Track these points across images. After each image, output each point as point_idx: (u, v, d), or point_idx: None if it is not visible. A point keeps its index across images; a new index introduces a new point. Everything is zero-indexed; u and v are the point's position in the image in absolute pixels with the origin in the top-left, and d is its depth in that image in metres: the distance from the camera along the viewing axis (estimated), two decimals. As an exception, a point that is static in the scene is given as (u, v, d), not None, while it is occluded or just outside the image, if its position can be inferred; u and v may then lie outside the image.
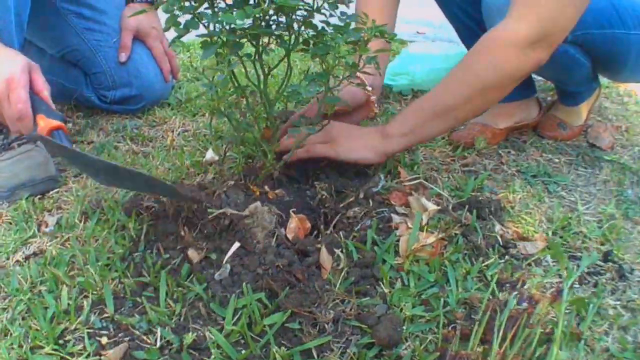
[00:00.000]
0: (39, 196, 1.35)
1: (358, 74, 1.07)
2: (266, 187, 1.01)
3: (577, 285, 1.01)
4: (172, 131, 1.66)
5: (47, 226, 1.22)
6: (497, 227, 1.09)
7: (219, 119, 1.03)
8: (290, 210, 0.96)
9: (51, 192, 1.37)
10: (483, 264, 0.99)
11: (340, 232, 1.01)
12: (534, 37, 1.13)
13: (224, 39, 0.80)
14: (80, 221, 1.20)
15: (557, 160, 1.53)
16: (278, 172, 1.05)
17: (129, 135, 1.66)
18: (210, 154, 1.35)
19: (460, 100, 1.20)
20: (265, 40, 0.97)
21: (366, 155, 1.21)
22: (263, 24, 0.91)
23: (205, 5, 0.90)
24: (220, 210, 0.90)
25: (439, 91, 1.21)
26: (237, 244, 0.86)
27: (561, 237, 1.13)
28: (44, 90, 1.31)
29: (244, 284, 0.84)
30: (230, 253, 0.86)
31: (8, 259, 1.12)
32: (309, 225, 0.97)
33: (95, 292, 0.95)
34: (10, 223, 1.26)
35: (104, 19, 1.84)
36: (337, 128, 1.23)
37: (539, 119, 1.70)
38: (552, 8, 1.13)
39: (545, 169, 1.44)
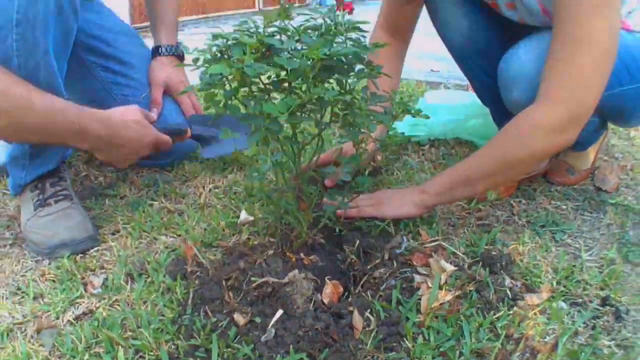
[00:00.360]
0: (80, 254, 1.46)
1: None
2: (302, 254, 1.18)
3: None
4: (203, 187, 1.80)
5: (93, 287, 1.32)
6: (507, 281, 1.25)
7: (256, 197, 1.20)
8: (326, 278, 1.13)
9: (91, 251, 1.47)
10: (494, 317, 1.14)
11: (368, 292, 1.17)
12: (564, 123, 1.30)
13: (267, 127, 0.96)
14: (126, 283, 1.32)
15: (564, 207, 1.69)
16: (312, 239, 1.21)
17: (161, 191, 1.79)
18: (244, 215, 1.51)
19: (490, 174, 1.41)
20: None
21: (408, 211, 1.46)
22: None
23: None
24: (263, 279, 1.07)
25: (472, 163, 1.43)
26: (280, 311, 1.02)
27: (564, 287, 1.28)
28: (154, 117, 1.71)
29: (290, 346, 0.99)
30: (274, 319, 1.01)
31: (58, 318, 1.22)
32: (341, 289, 1.13)
33: (151, 353, 1.09)
34: (54, 281, 1.36)
35: (131, 73, 1.93)
36: (382, 193, 1.54)
37: (548, 167, 1.85)
38: (579, 92, 1.29)
39: (553, 218, 1.60)
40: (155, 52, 2.00)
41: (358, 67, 1.06)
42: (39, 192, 1.61)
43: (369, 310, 1.10)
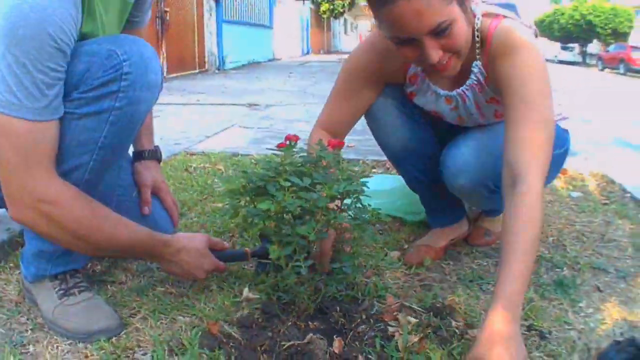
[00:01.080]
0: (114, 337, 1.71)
1: None
2: (308, 322, 1.74)
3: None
4: None
5: (145, 363, 1.58)
6: (453, 323, 1.81)
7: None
8: (334, 336, 1.68)
9: (122, 332, 1.74)
10: (450, 347, 1.69)
11: (356, 342, 1.72)
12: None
13: (297, 242, 1.54)
14: (170, 357, 1.61)
15: (485, 264, 2.28)
16: (313, 311, 1.79)
17: (157, 276, 2.12)
18: (246, 293, 1.96)
19: (535, 249, 1.58)
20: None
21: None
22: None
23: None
24: (291, 342, 1.62)
25: (524, 261, 1.52)
26: (310, 362, 1.57)
27: (496, 322, 1.85)
28: (221, 244, 2.04)
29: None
30: (307, 368, 1.57)
31: (117, 393, 1.53)
32: (342, 342, 1.68)
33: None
34: (99, 362, 1.60)
35: (121, 174, 2.14)
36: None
37: (469, 231, 2.45)
38: (548, 161, 1.68)
39: (478, 273, 2.18)
40: (139, 156, 2.28)
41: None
42: (60, 282, 1.83)
43: (364, 354, 1.65)
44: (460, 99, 2.04)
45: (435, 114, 2.17)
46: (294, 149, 1.67)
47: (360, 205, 1.70)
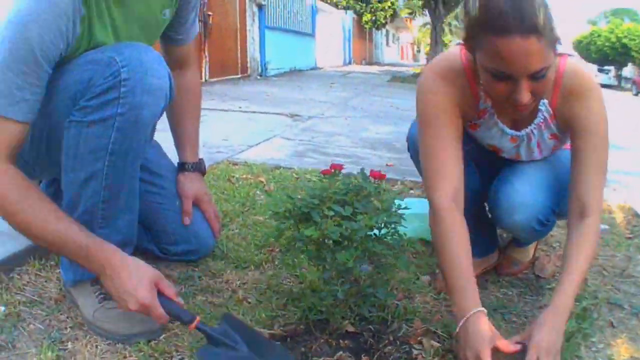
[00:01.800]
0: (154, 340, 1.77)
1: None
2: (340, 341, 1.86)
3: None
4: (234, 284, 2.24)
5: (184, 366, 1.66)
6: (475, 351, 1.93)
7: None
8: (362, 355, 1.81)
9: (160, 337, 1.80)
10: None
11: (382, 362, 1.85)
12: None
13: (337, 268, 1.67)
14: None
15: (510, 293, 2.37)
16: (345, 329, 1.90)
17: (198, 285, 2.18)
18: None
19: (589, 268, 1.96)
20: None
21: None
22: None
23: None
24: (321, 359, 1.74)
25: (579, 275, 1.84)
26: (341, 378, 1.70)
27: (515, 352, 1.95)
28: (173, 295, 1.73)
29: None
30: (337, 382, 1.69)
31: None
32: (370, 361, 1.81)
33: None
34: (138, 364, 1.66)
35: (162, 183, 2.24)
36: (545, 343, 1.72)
37: (498, 262, 2.54)
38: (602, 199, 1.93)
39: (502, 303, 2.27)
40: (182, 167, 2.35)
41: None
42: (100, 287, 1.82)
43: (391, 374, 1.78)
44: (526, 138, 2.08)
45: (492, 148, 2.20)
46: (337, 177, 1.78)
47: (397, 234, 1.81)
